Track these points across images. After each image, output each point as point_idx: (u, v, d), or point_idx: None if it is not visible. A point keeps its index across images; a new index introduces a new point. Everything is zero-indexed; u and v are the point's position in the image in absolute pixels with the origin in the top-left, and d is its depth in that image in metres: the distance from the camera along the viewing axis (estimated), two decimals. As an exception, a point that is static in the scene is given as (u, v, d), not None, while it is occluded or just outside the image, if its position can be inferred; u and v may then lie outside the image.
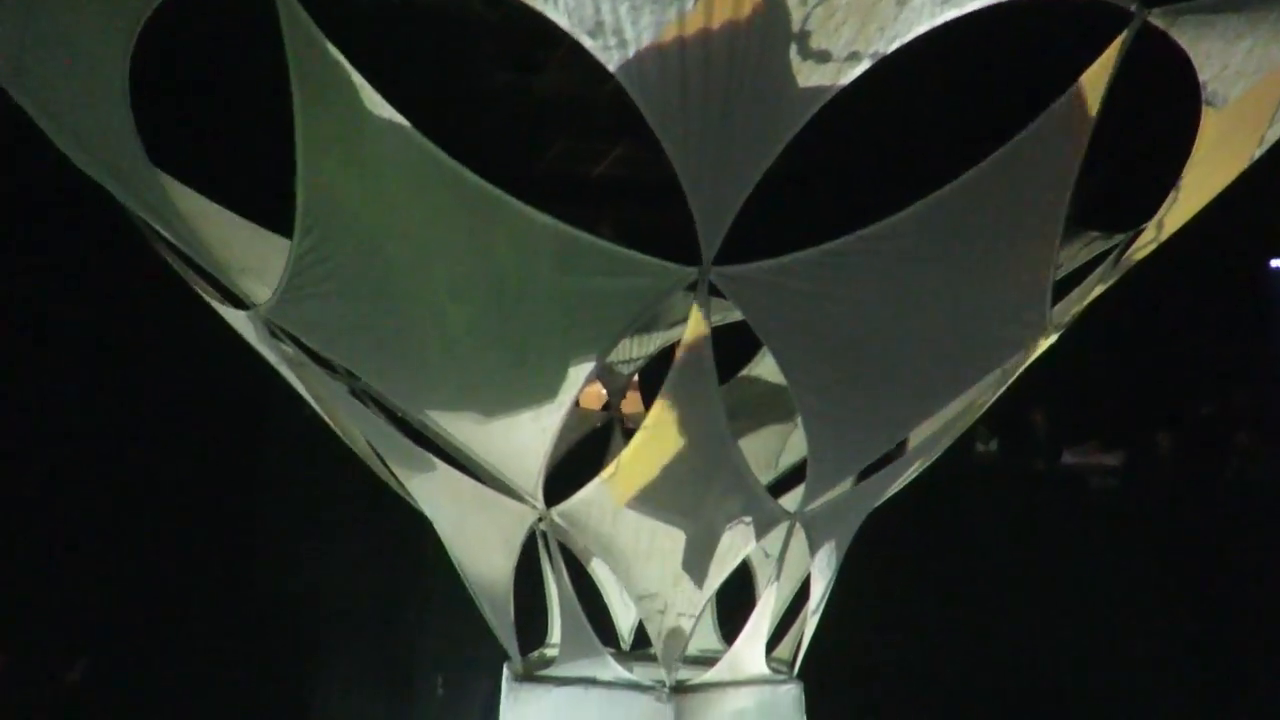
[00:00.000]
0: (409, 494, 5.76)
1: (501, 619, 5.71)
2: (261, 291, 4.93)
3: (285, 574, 8.69)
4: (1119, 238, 5.49)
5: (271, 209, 4.92)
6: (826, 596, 5.95)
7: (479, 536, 5.65)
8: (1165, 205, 5.16)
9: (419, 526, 5.81)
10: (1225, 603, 9.06)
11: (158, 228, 5.07)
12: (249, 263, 5.08)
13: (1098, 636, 8.97)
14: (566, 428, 5.47)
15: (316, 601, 8.60)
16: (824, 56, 4.15)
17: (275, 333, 5.11)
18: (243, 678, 8.37)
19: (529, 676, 5.72)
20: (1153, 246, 5.45)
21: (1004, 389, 5.84)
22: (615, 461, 5.31)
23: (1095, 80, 4.52)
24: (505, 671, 5.80)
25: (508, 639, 5.70)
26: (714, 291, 4.64)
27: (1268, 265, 9.98)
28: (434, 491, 5.61)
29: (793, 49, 4.12)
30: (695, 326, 4.78)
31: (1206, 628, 9.02)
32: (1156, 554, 9.11)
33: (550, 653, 6.04)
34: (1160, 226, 5.30)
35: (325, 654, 8.60)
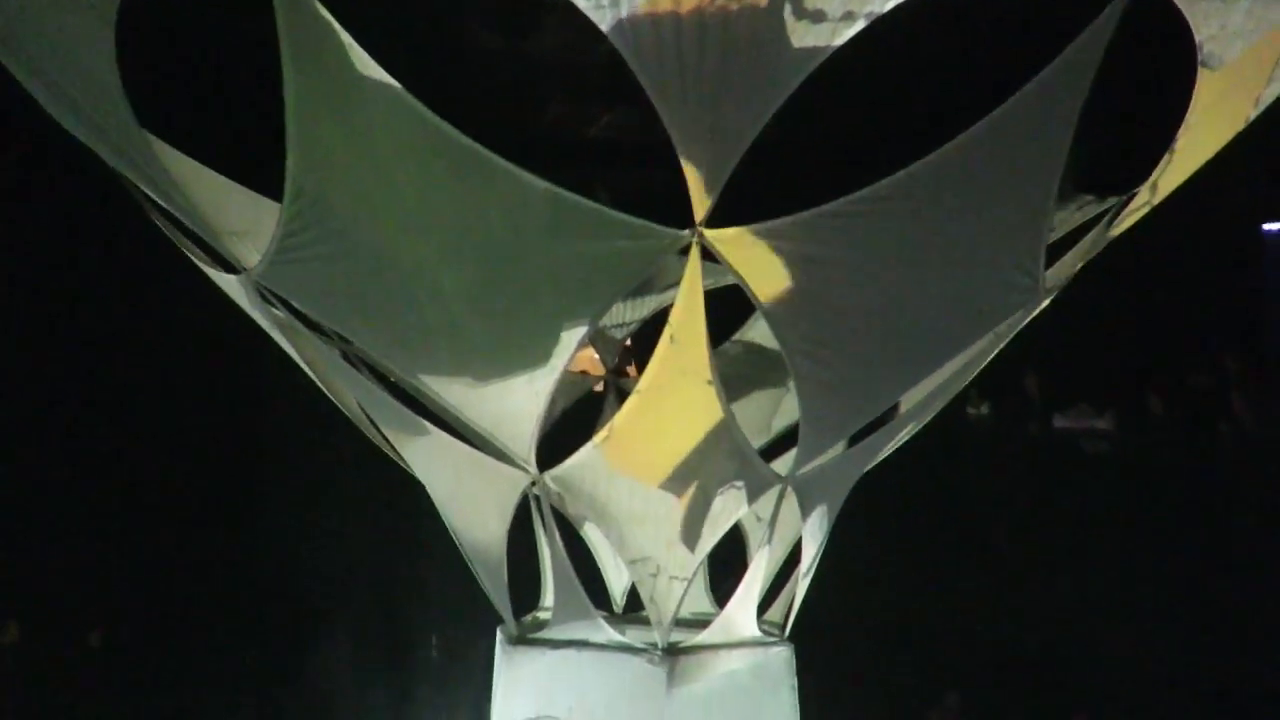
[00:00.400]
0: (402, 459, 5.76)
1: (495, 583, 5.73)
2: (252, 255, 4.91)
3: (283, 544, 8.72)
4: (1113, 201, 5.49)
5: (262, 172, 4.89)
6: (818, 559, 5.98)
7: (473, 501, 5.66)
8: (1159, 168, 5.15)
9: (414, 492, 5.82)
10: (1216, 565, 9.15)
11: (149, 192, 5.03)
12: (240, 226, 5.05)
13: (1088, 598, 9.05)
14: (560, 392, 5.49)
15: (314, 569, 8.65)
16: (819, 16, 4.12)
17: (266, 297, 5.10)
18: (242, 645, 8.43)
19: (522, 639, 5.75)
20: (1146, 210, 5.44)
21: (996, 353, 5.85)
22: (609, 426, 5.32)
23: (1091, 42, 4.49)
24: (499, 634, 5.83)
25: (501, 602, 5.73)
26: (707, 255, 4.63)
27: (1260, 230, 9.99)
28: (428, 456, 5.61)
29: (787, 8, 4.09)
30: (688, 289, 4.78)
31: (1197, 590, 9.11)
32: (1147, 517, 9.18)
33: (543, 616, 6.07)
34: (1154, 190, 5.29)
35: (323, 620, 8.65)
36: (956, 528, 9.24)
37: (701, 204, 4.44)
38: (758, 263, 4.78)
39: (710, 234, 4.54)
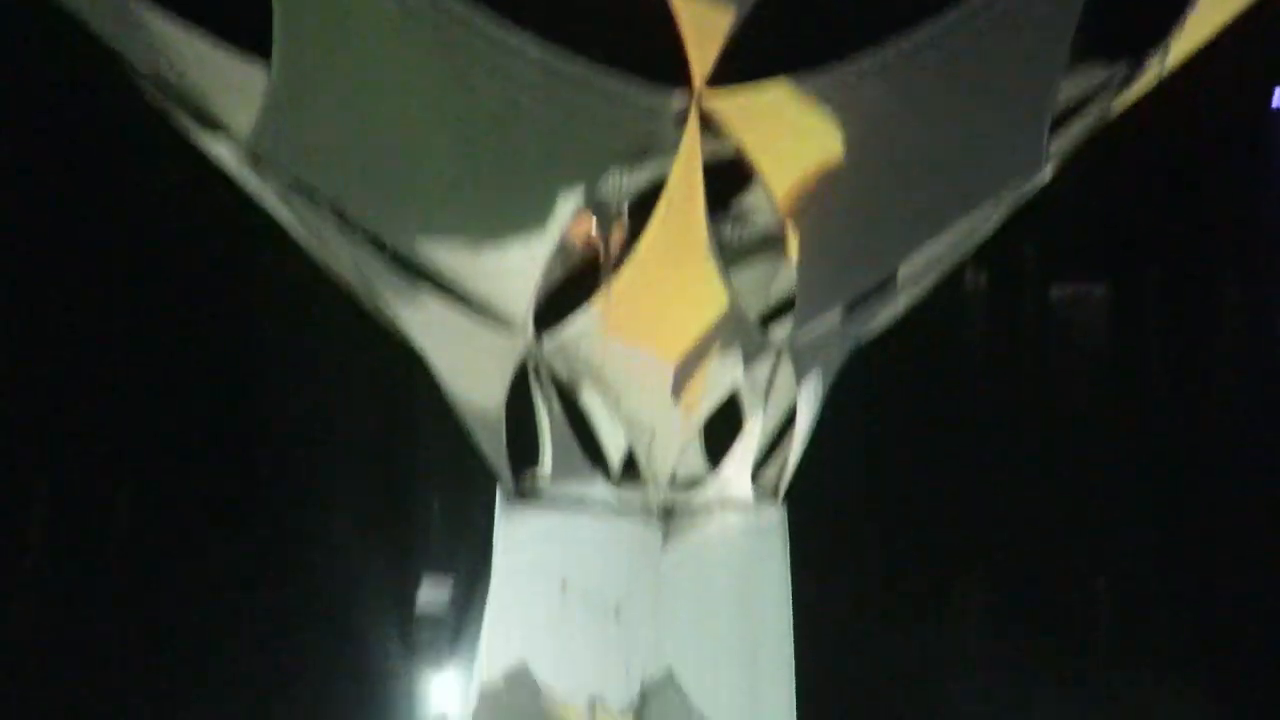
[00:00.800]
0: (400, 327, 5.78)
1: (494, 446, 5.81)
2: (243, 120, 4.83)
3: (284, 411, 8.82)
4: (1122, 68, 5.38)
5: (252, 36, 4.78)
6: (812, 425, 6.06)
7: (471, 367, 5.70)
8: (1171, 36, 5.03)
9: (412, 359, 5.86)
10: (1210, 431, 9.26)
11: (138, 59, 4.93)
12: (231, 90, 4.96)
13: (1080, 471, 9.19)
14: (557, 259, 5.49)
15: (315, 432, 8.76)
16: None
17: (258, 162, 5.04)
18: (244, 509, 8.61)
19: (521, 501, 5.86)
20: (1156, 80, 5.34)
21: (997, 225, 5.82)
22: (606, 292, 5.33)
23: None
24: (499, 496, 5.94)
25: (501, 465, 5.83)
26: (705, 122, 4.57)
27: (1269, 104, 9.80)
28: (425, 324, 5.63)
29: None
30: (686, 155, 4.73)
31: (1186, 466, 9.24)
32: (1140, 392, 9.27)
33: (542, 479, 6.17)
34: (1164, 59, 5.18)
35: (324, 486, 8.80)
36: (953, 397, 9.33)
37: (700, 66, 4.36)
38: (756, 125, 4.72)
39: (709, 96, 4.47)
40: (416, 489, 8.91)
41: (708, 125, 4.64)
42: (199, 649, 8.20)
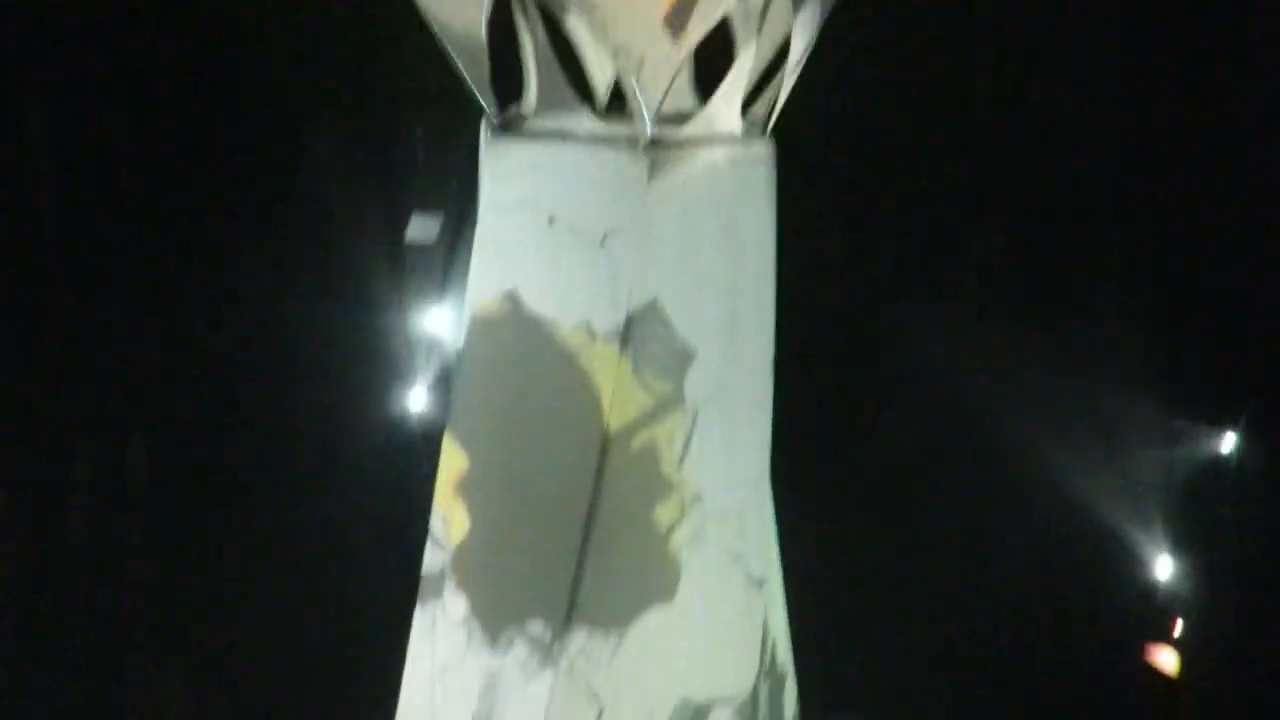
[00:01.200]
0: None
1: (477, 75, 5.68)
2: None
3: (265, 43, 8.57)
4: None
5: None
6: (805, 57, 5.89)
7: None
8: None
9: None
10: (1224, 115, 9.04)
11: None
12: None
13: (1084, 128, 9.04)
14: None
15: (298, 61, 8.55)
16: None
17: None
18: (227, 144, 8.56)
19: (507, 133, 5.80)
20: None
21: None
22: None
23: None
24: (483, 127, 5.86)
25: (484, 93, 5.71)
26: None
27: None
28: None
29: None
30: None
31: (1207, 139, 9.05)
32: (1162, 64, 8.95)
33: (527, 110, 6.06)
34: None
35: (308, 119, 8.69)
36: (955, 41, 9.01)
37: None
38: None
39: None
40: (401, 120, 8.81)
41: None
42: (191, 307, 8.43)
